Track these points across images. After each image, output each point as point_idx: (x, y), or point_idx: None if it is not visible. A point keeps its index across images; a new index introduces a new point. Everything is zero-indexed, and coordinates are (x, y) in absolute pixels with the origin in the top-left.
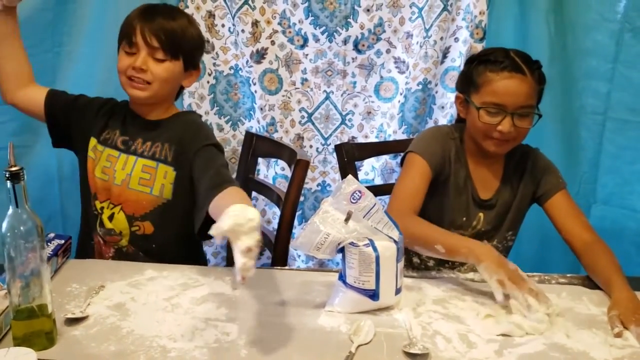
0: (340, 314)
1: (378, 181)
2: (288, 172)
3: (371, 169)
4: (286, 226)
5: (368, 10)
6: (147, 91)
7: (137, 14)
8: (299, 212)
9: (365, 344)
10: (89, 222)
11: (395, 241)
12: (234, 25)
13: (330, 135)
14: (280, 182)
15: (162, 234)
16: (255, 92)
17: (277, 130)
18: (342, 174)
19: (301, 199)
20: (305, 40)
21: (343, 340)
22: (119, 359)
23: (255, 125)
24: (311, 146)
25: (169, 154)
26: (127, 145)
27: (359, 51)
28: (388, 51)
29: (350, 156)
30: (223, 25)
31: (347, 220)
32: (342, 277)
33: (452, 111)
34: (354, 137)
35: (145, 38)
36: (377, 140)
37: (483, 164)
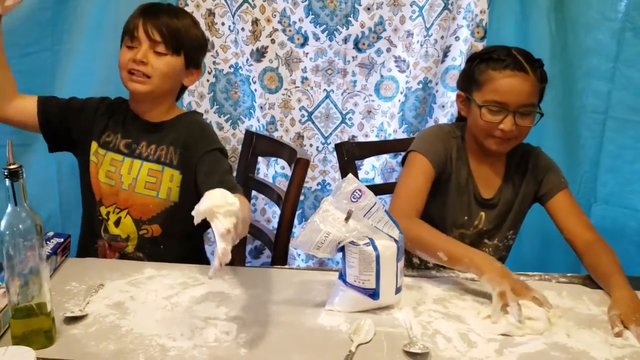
0: (340, 313)
1: (378, 180)
2: (288, 171)
3: (371, 168)
4: (286, 225)
5: (368, 8)
6: (147, 85)
7: (140, 11)
8: (299, 211)
9: (366, 343)
10: (93, 227)
11: (395, 240)
12: (234, 23)
13: (331, 134)
14: (280, 181)
15: (170, 235)
16: (255, 90)
17: (277, 129)
18: (342, 173)
19: (301, 198)
20: (306, 38)
21: (343, 340)
22: (118, 357)
23: (255, 124)
24: (311, 145)
25: (174, 157)
26: (130, 148)
27: (359, 50)
28: (388, 50)
29: (350, 155)
30: (223, 24)
31: (347, 219)
32: (342, 276)
33: (452, 110)
34: (354, 136)
35: (148, 32)
36: (377, 139)
37: (484, 162)
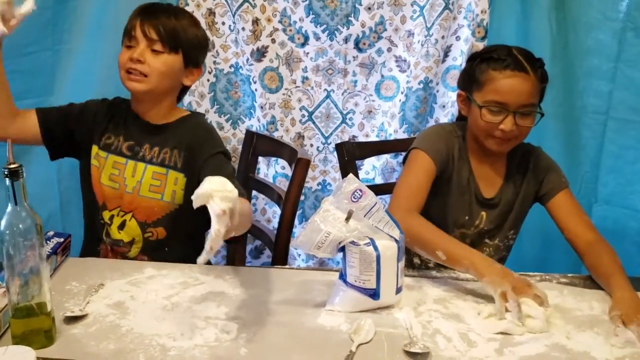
0: (340, 313)
1: (379, 180)
2: (288, 171)
3: (372, 168)
4: (286, 225)
5: (369, 8)
6: (144, 84)
7: (138, 11)
8: (300, 211)
9: (366, 343)
10: (96, 231)
11: (396, 240)
12: (234, 23)
13: (331, 134)
14: (281, 181)
15: (174, 237)
16: (256, 90)
17: (277, 129)
18: (342, 173)
19: (301, 198)
20: (306, 38)
21: (343, 340)
22: (118, 357)
23: (255, 123)
24: (312, 145)
25: (179, 160)
26: (133, 151)
27: (360, 50)
28: (389, 50)
29: (350, 155)
30: (223, 23)
31: (347, 219)
32: (342, 276)
33: (453, 110)
34: (354, 136)
35: (145, 31)
36: (377, 139)
37: (485, 162)
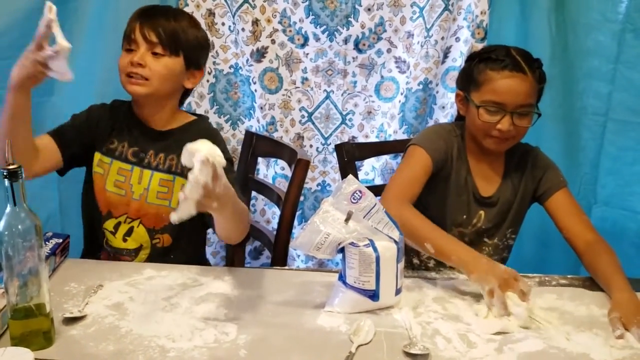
0: (340, 314)
1: (378, 181)
2: (288, 172)
3: (371, 169)
4: (286, 226)
5: (369, 9)
6: (145, 87)
7: (137, 14)
8: (299, 212)
9: (365, 344)
10: (98, 240)
11: (395, 241)
12: (234, 23)
13: (331, 134)
14: (280, 182)
15: (179, 243)
16: (255, 91)
17: (277, 130)
18: (342, 174)
19: (301, 198)
20: (306, 39)
21: (343, 340)
22: (117, 358)
23: (255, 124)
24: (311, 146)
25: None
26: (138, 157)
27: (359, 50)
28: (389, 51)
29: (350, 156)
30: (223, 24)
31: (347, 220)
32: (342, 277)
33: (452, 111)
34: (354, 137)
35: (144, 34)
36: (377, 140)
37: (484, 161)
